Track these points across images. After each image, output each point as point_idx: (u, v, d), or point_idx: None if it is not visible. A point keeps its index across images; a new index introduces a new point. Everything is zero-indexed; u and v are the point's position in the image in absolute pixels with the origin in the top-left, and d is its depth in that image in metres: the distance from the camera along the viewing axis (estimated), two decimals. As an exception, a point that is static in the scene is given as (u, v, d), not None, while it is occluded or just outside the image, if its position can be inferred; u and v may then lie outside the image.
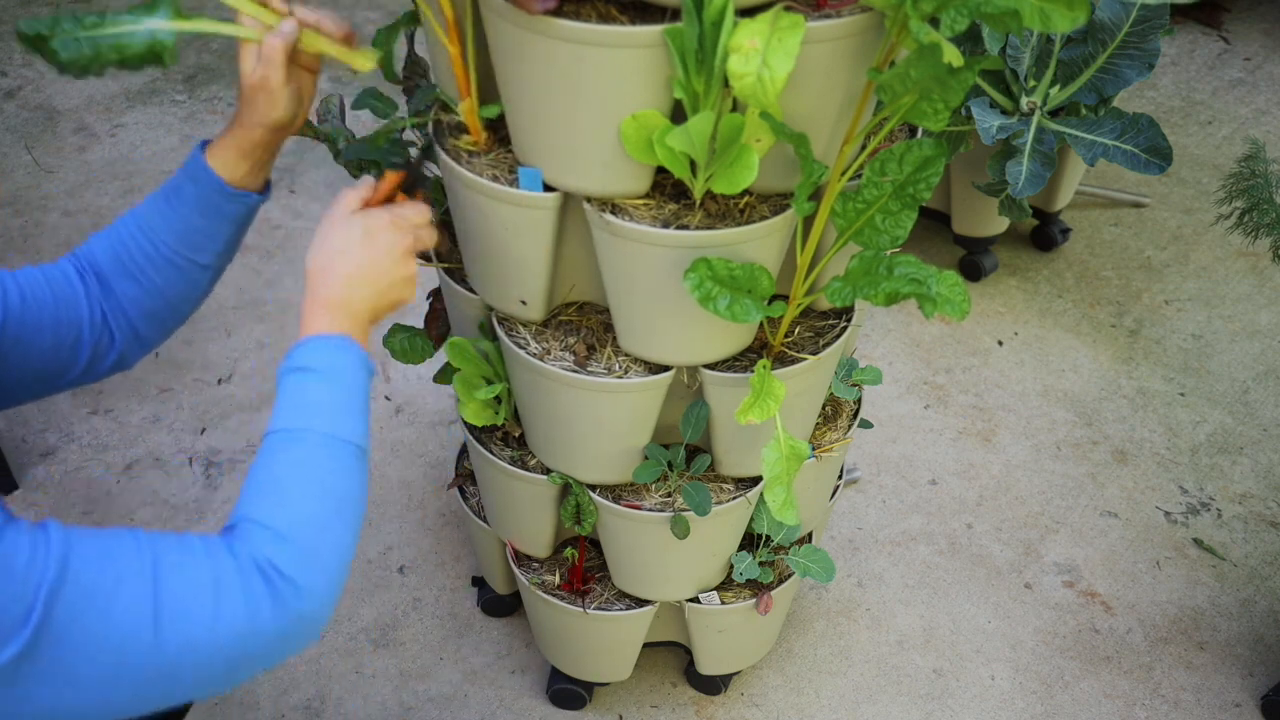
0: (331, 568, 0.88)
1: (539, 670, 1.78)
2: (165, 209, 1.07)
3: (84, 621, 0.77)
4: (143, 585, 0.80)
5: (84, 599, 0.77)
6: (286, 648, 0.86)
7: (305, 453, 0.91)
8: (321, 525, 0.88)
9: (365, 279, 1.01)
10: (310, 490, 0.89)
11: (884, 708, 1.76)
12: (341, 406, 0.94)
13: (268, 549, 0.85)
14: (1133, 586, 1.95)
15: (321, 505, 0.89)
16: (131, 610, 0.79)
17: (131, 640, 0.79)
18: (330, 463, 0.91)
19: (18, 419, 2.16)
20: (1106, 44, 2.03)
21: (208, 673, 0.83)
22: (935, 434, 2.21)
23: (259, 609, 0.83)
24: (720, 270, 1.11)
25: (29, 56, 3.20)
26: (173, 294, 1.10)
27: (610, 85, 1.03)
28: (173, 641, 0.80)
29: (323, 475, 0.90)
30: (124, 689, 0.80)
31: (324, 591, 0.87)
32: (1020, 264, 2.61)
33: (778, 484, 1.19)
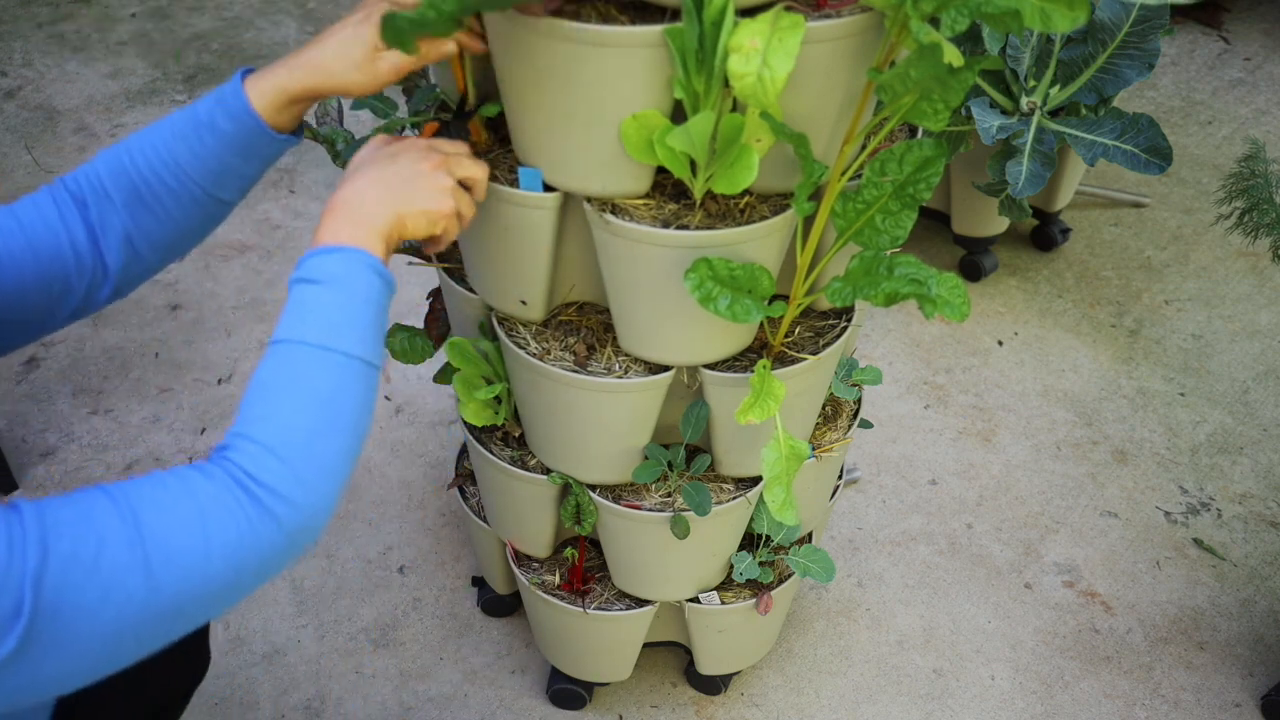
0: (322, 478, 0.86)
1: (539, 670, 1.78)
2: (196, 145, 1.03)
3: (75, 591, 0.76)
4: (126, 538, 0.79)
5: (71, 571, 0.76)
6: (285, 558, 0.85)
7: (297, 363, 0.89)
8: (310, 434, 0.86)
9: (385, 184, 0.97)
10: (300, 401, 0.87)
11: (884, 708, 1.76)
12: (340, 317, 0.91)
13: (251, 463, 0.84)
14: (1133, 586, 1.95)
15: (310, 415, 0.87)
16: (120, 564, 0.78)
17: (127, 595, 0.78)
18: (322, 373, 0.89)
19: (18, 419, 2.16)
20: (1106, 44, 2.03)
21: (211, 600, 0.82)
22: (935, 434, 2.21)
23: (247, 528, 0.82)
24: (720, 270, 1.11)
25: (29, 56, 3.20)
26: (188, 226, 1.07)
27: (610, 85, 1.03)
28: (168, 583, 0.79)
29: (316, 386, 0.88)
30: (130, 638, 0.80)
31: (315, 501, 0.86)
32: (1020, 264, 2.61)
33: (777, 484, 1.19)
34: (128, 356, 2.30)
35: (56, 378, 2.25)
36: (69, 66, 3.16)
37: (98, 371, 2.26)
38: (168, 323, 2.38)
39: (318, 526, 0.87)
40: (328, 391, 0.88)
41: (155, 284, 2.46)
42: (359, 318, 0.92)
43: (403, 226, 0.99)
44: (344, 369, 0.90)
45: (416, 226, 1.00)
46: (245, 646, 1.81)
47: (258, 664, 1.78)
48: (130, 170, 1.03)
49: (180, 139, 1.03)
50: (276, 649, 1.81)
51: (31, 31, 3.31)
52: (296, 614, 1.86)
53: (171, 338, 2.34)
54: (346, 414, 0.89)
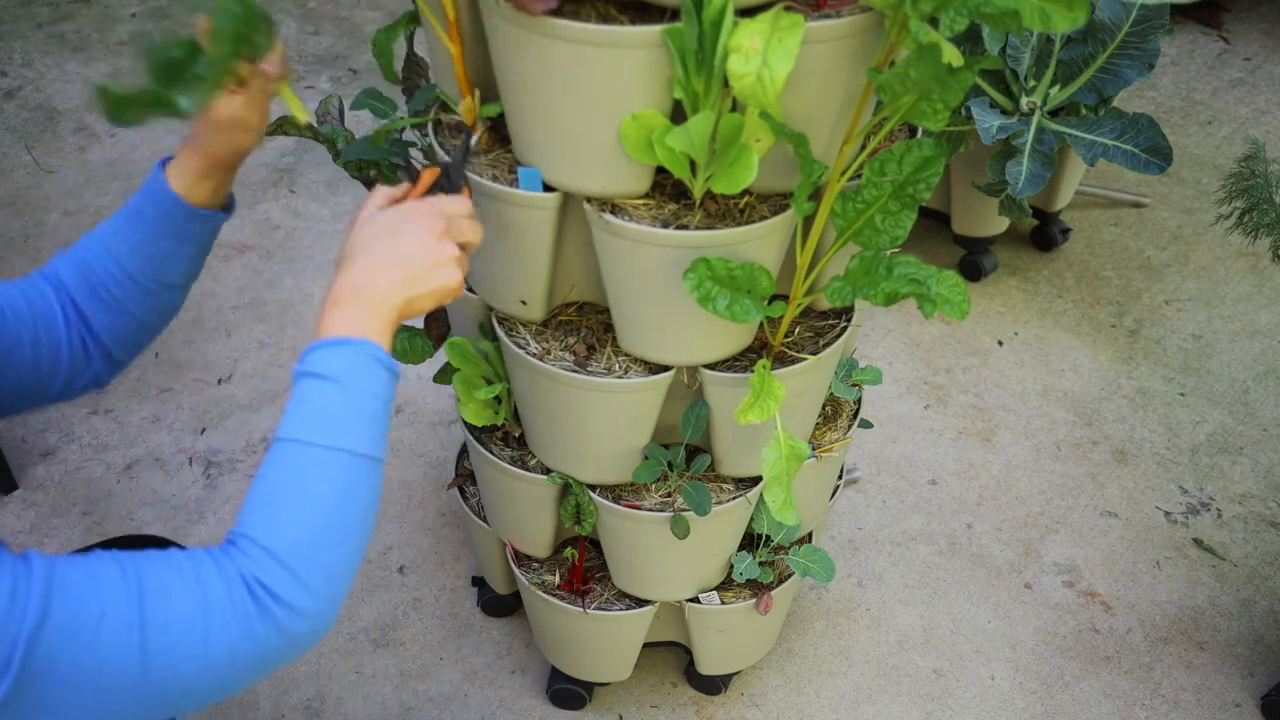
0: (329, 586, 0.85)
1: (539, 670, 1.78)
2: (128, 233, 1.04)
3: (67, 659, 0.76)
4: (128, 616, 0.78)
5: (67, 636, 0.76)
6: (279, 663, 0.85)
7: (304, 465, 0.87)
8: (316, 542, 0.85)
9: (390, 266, 0.93)
10: (307, 507, 0.86)
11: (884, 708, 1.76)
12: (350, 416, 0.88)
13: (260, 569, 0.83)
14: (1133, 586, 1.95)
15: (319, 523, 0.85)
16: (117, 644, 0.77)
17: (118, 673, 0.77)
18: (329, 475, 0.87)
19: (18, 419, 2.16)
20: (1106, 44, 2.03)
21: (197, 693, 0.82)
22: (935, 434, 2.21)
23: (249, 632, 0.81)
24: (720, 270, 1.11)
25: (29, 56, 3.20)
26: (145, 316, 1.07)
27: (610, 85, 1.03)
28: (160, 670, 0.79)
29: (322, 491, 0.86)
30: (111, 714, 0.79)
31: (319, 610, 0.85)
32: (1020, 264, 2.61)
33: (778, 484, 1.19)
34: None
35: (56, 378, 2.25)
36: (69, 66, 3.16)
37: (98, 371, 2.26)
38: (168, 323, 2.38)
39: (322, 631, 0.86)
40: (334, 495, 0.87)
41: (155, 284, 2.46)
42: (365, 415, 0.89)
43: (410, 308, 0.95)
44: (350, 469, 0.88)
45: (425, 306, 0.96)
46: (245, 646, 1.81)
47: (258, 664, 1.78)
48: (85, 270, 1.04)
49: (117, 232, 1.04)
50: (276, 649, 1.81)
51: (31, 31, 3.31)
52: (296, 614, 1.86)
53: (171, 338, 2.34)
54: (353, 517, 0.88)
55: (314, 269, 2.52)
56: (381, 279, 0.93)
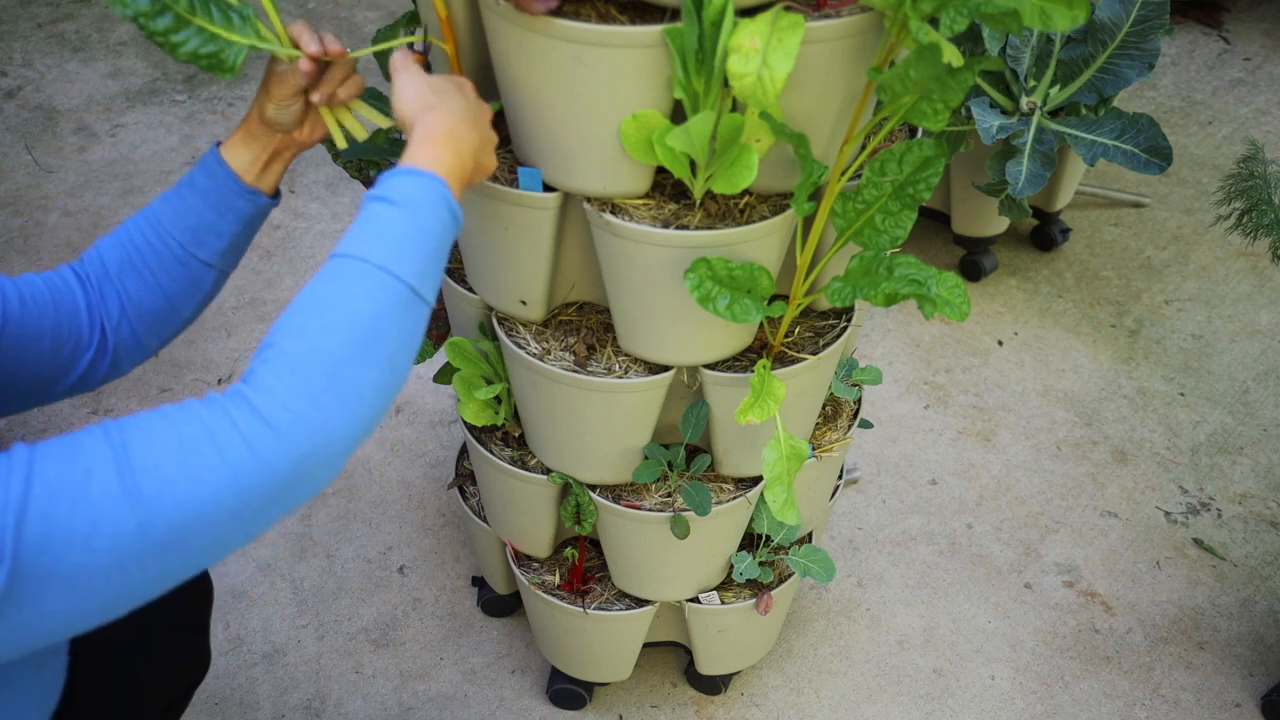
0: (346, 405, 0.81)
1: (539, 670, 1.78)
2: (175, 202, 1.08)
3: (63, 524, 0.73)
4: (115, 467, 0.75)
5: (56, 501, 0.73)
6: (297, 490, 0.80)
7: (353, 280, 0.84)
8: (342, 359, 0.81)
9: (472, 127, 0.98)
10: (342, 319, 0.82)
11: (884, 708, 1.76)
12: (409, 244, 0.87)
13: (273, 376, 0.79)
14: (1133, 586, 1.95)
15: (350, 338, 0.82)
16: (109, 496, 0.74)
17: (118, 528, 0.74)
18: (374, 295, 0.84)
19: (18, 419, 2.16)
20: (1106, 44, 2.03)
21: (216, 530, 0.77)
22: (935, 434, 2.21)
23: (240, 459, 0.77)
24: (720, 270, 1.11)
25: (29, 56, 3.20)
26: (175, 291, 1.09)
27: (610, 85, 1.03)
28: (160, 512, 0.75)
29: (361, 306, 0.83)
30: (133, 570, 0.76)
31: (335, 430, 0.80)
32: (1020, 264, 2.61)
33: (778, 484, 1.19)
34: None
35: (56, 378, 2.25)
36: (69, 66, 3.16)
37: (98, 371, 2.26)
38: (168, 323, 2.38)
39: (332, 453, 0.81)
40: (370, 313, 0.84)
41: (155, 284, 2.46)
42: (423, 247, 0.89)
43: (477, 174, 1.00)
44: (394, 292, 0.85)
45: (478, 179, 1.01)
46: (245, 646, 1.81)
47: (258, 664, 1.78)
48: (125, 239, 1.07)
49: (165, 202, 1.08)
50: (276, 649, 1.81)
51: (31, 31, 3.31)
52: (296, 614, 1.86)
53: (171, 338, 2.34)
54: (385, 342, 0.84)
55: (314, 269, 2.52)
56: (466, 135, 0.97)
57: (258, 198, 1.10)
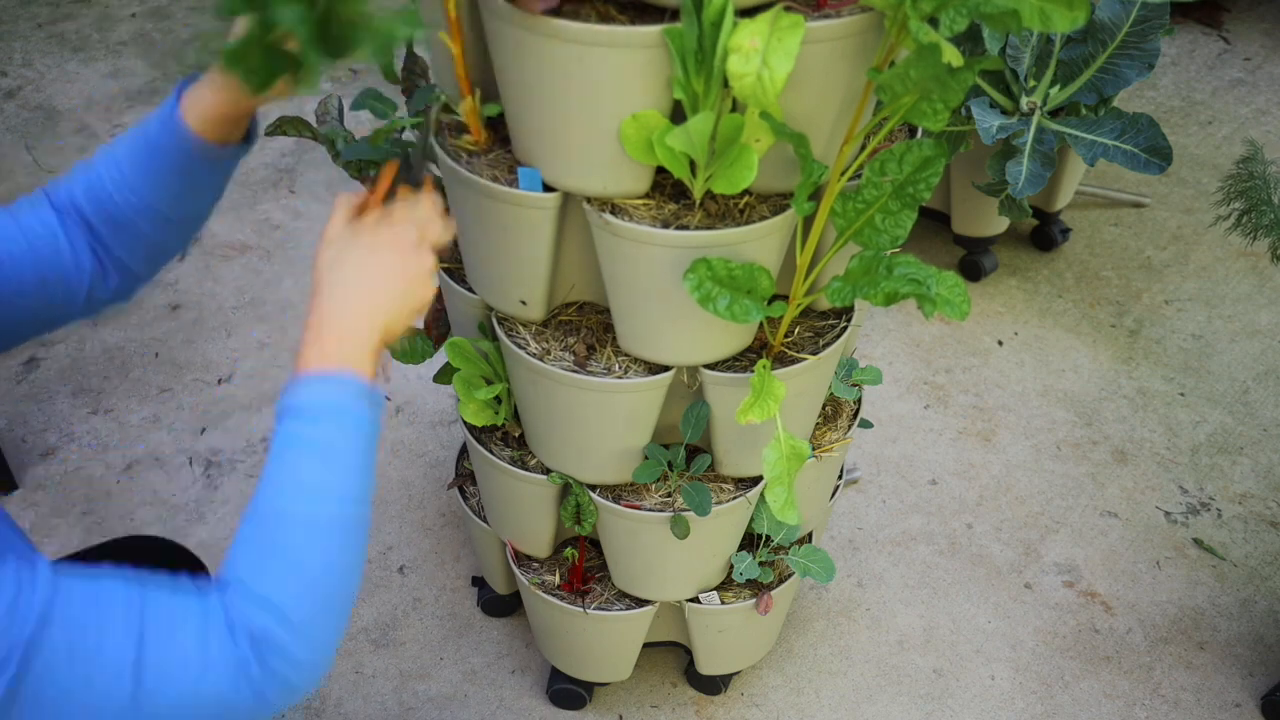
0: (323, 635, 0.85)
1: (539, 670, 1.78)
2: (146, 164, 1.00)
3: (60, 681, 0.75)
4: (126, 653, 0.77)
5: (61, 660, 0.75)
6: (269, 711, 0.84)
7: (295, 518, 0.85)
8: (312, 595, 0.84)
9: (370, 291, 0.91)
10: (299, 559, 0.84)
11: (884, 708, 1.76)
12: (336, 464, 0.87)
13: (256, 619, 0.82)
14: (1133, 586, 1.95)
15: (312, 574, 0.84)
16: (111, 674, 0.76)
17: (109, 699, 0.76)
18: (321, 531, 0.85)
19: (18, 419, 2.16)
20: (1106, 44, 2.03)
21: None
22: (935, 434, 2.21)
23: (245, 678, 0.81)
24: (720, 270, 1.11)
25: (29, 56, 3.20)
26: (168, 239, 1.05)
27: (610, 85, 1.03)
28: (151, 703, 0.78)
29: (313, 546, 0.84)
30: None
31: (317, 660, 0.84)
32: (1020, 264, 2.61)
33: (778, 484, 1.19)
34: (128, 356, 2.30)
35: (56, 378, 2.25)
36: (69, 66, 3.16)
37: (98, 371, 2.26)
38: (168, 323, 2.38)
39: (318, 678, 0.85)
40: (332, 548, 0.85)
41: (155, 284, 2.46)
42: (350, 457, 0.87)
43: (389, 333, 0.93)
44: (338, 521, 0.86)
45: (402, 328, 0.94)
46: (245, 646, 1.81)
47: (258, 664, 1.78)
48: (105, 200, 1.01)
49: (135, 165, 1.00)
50: (276, 649, 1.81)
51: (31, 31, 3.31)
52: (296, 614, 1.86)
53: (171, 338, 2.34)
54: (343, 570, 0.86)
55: (314, 269, 2.52)
56: (357, 308, 0.91)
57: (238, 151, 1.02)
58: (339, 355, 0.88)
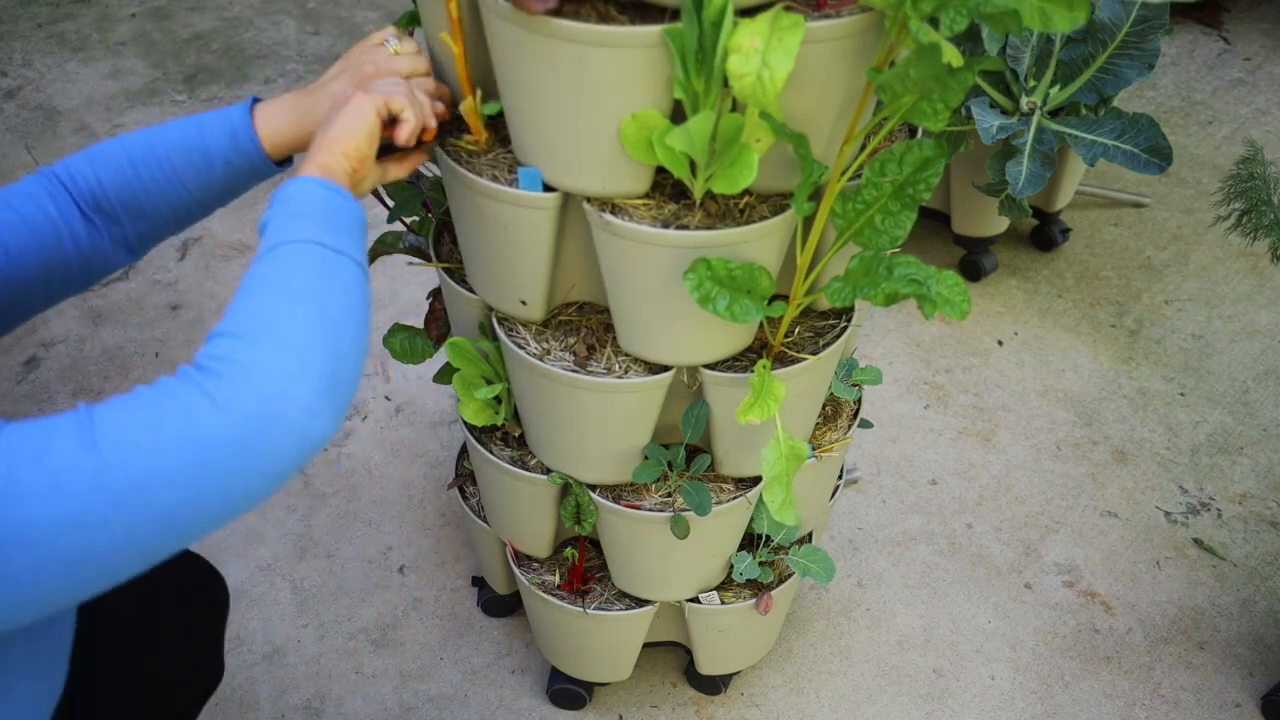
0: (284, 343, 0.80)
1: (539, 670, 1.78)
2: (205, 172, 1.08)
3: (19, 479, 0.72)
4: (74, 427, 0.75)
5: (13, 458, 0.73)
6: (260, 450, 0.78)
7: (277, 259, 0.86)
8: (266, 308, 0.82)
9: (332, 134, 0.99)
10: (257, 285, 0.84)
11: (884, 708, 1.76)
12: (321, 222, 0.90)
13: (212, 346, 0.80)
14: (1133, 586, 1.95)
15: (277, 295, 0.83)
16: (66, 451, 0.74)
17: (73, 473, 0.73)
18: (296, 259, 0.86)
19: (17, 419, 2.15)
20: (1106, 44, 2.03)
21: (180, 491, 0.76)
22: (935, 434, 2.21)
23: (202, 399, 0.76)
24: (720, 270, 1.11)
25: (29, 56, 3.20)
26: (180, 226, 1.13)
27: (610, 85, 1.03)
28: (117, 460, 0.74)
29: (287, 271, 0.85)
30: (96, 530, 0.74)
31: (282, 369, 0.79)
32: (1020, 264, 2.61)
33: (777, 484, 1.19)
34: (128, 356, 2.30)
35: (56, 378, 2.25)
36: (69, 66, 3.16)
37: (98, 371, 2.26)
38: (168, 323, 2.38)
39: (280, 406, 0.78)
40: (276, 270, 0.85)
41: (155, 284, 2.46)
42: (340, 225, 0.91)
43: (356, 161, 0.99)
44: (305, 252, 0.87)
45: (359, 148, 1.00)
46: (245, 646, 1.81)
47: (258, 664, 1.78)
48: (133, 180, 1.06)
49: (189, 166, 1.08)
50: (276, 649, 1.81)
51: (31, 31, 3.31)
52: (296, 614, 1.86)
53: (171, 338, 2.34)
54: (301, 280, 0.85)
55: (314, 269, 2.52)
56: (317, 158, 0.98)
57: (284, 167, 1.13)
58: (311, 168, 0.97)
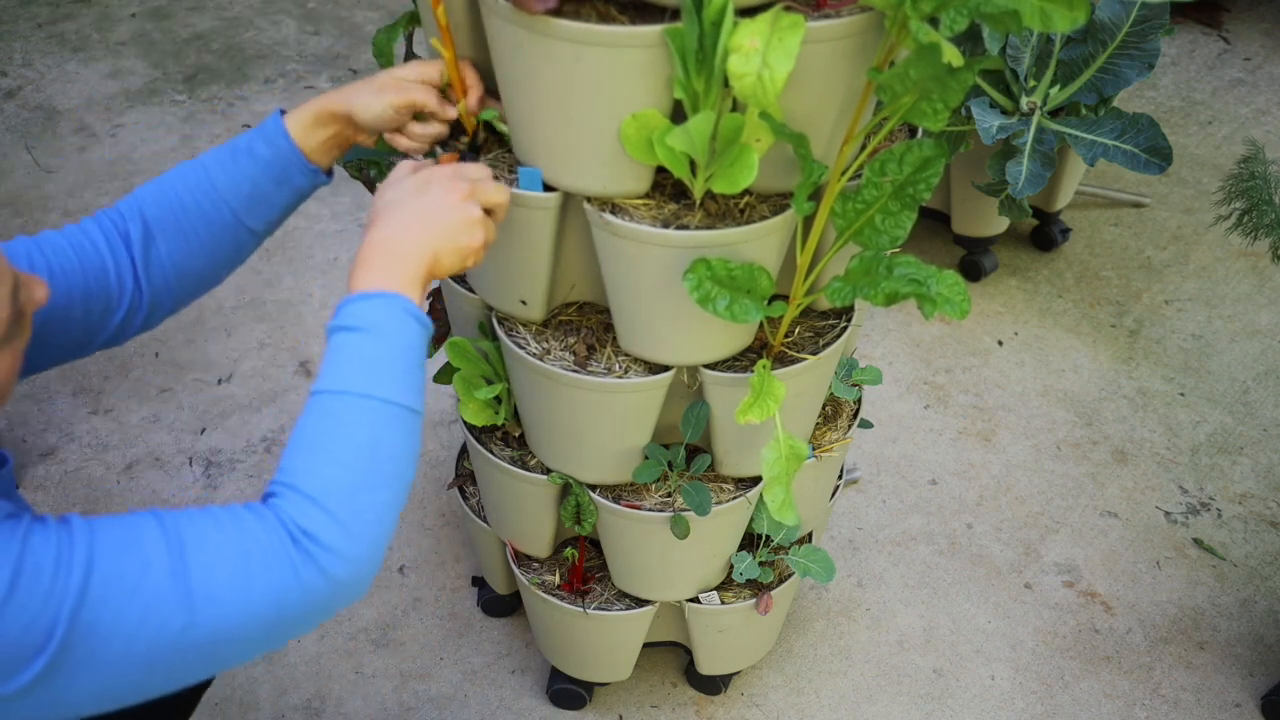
0: (368, 531, 0.86)
1: (539, 670, 1.78)
2: (232, 168, 1.07)
3: (112, 613, 0.76)
4: (170, 567, 0.79)
5: (112, 590, 0.76)
6: (326, 611, 0.85)
7: (338, 413, 0.88)
8: (355, 488, 0.86)
9: (419, 223, 0.97)
10: (344, 452, 0.86)
11: (884, 708, 1.76)
12: (380, 364, 0.90)
13: (300, 514, 0.83)
14: (1133, 586, 1.95)
15: (353, 467, 0.86)
16: (161, 595, 0.78)
17: (164, 625, 0.78)
18: (363, 421, 0.88)
19: (18, 419, 2.16)
20: (1106, 44, 2.03)
21: (247, 644, 0.82)
22: (935, 434, 2.21)
23: (292, 576, 0.82)
24: (720, 270, 1.11)
25: (29, 56, 3.20)
26: (217, 255, 1.10)
27: (610, 85, 1.03)
28: (207, 619, 0.79)
29: (358, 436, 0.87)
30: (159, 669, 0.79)
31: (361, 555, 0.85)
32: (1020, 264, 2.61)
33: (776, 484, 1.19)
34: (127, 357, 2.30)
35: (56, 378, 2.25)
36: (69, 66, 3.16)
37: (98, 371, 2.26)
38: (168, 322, 2.38)
39: (365, 578, 0.86)
40: (369, 441, 0.88)
41: (155, 284, 2.46)
42: (398, 364, 0.91)
43: (438, 265, 0.98)
44: (384, 415, 0.89)
45: (451, 264, 1.00)
46: (245, 646, 1.81)
47: (258, 664, 1.78)
48: (170, 196, 1.06)
49: (219, 166, 1.08)
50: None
51: (31, 31, 3.31)
52: (296, 614, 1.86)
53: (171, 338, 2.34)
54: (388, 463, 0.88)
55: (314, 269, 2.52)
56: (409, 235, 0.97)
57: (318, 175, 1.11)
58: (386, 278, 0.94)
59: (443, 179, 1.01)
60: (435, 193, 1.00)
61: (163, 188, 1.07)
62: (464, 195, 1.01)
